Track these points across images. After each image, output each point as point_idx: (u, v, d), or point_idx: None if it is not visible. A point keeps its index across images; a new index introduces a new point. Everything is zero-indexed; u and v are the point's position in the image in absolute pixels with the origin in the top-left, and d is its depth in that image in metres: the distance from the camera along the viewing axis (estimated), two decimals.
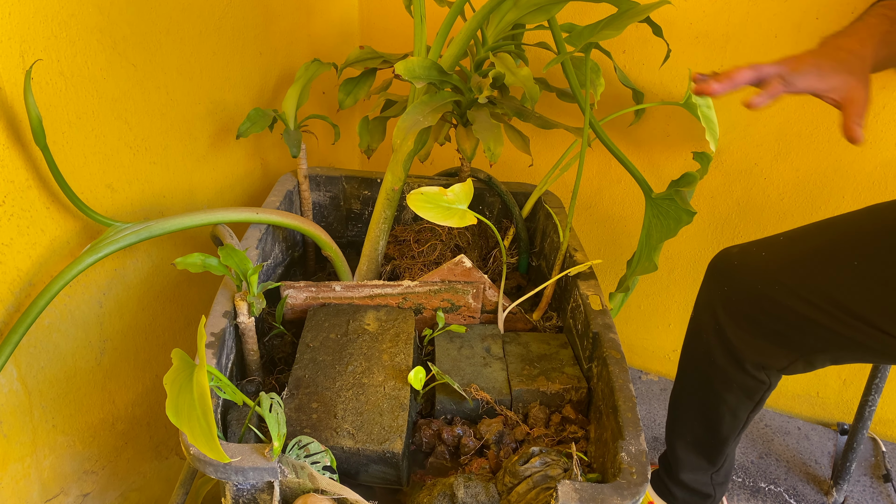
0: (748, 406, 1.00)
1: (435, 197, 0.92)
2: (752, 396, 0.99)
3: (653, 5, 0.95)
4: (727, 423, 1.02)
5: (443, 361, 1.01)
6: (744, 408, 1.00)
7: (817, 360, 0.91)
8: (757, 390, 0.98)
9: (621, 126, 1.36)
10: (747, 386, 0.97)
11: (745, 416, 1.01)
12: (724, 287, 0.95)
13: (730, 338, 0.94)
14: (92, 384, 1.04)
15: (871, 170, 1.21)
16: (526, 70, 1.06)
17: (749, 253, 0.94)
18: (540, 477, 0.79)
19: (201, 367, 0.67)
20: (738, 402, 0.99)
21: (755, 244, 0.95)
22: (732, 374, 0.97)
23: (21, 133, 0.83)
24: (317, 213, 1.31)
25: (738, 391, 0.98)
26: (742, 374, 0.96)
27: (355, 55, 1.21)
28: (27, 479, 0.96)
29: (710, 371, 0.99)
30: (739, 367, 0.96)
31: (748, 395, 0.99)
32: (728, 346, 0.95)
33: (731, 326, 0.94)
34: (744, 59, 1.22)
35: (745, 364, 0.95)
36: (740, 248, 0.96)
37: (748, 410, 1.01)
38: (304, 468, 0.73)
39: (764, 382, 0.97)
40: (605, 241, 1.52)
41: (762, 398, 0.99)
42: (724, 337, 0.95)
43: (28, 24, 0.81)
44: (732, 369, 0.96)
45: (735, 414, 1.01)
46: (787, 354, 0.92)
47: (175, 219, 0.95)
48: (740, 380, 0.97)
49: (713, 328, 0.97)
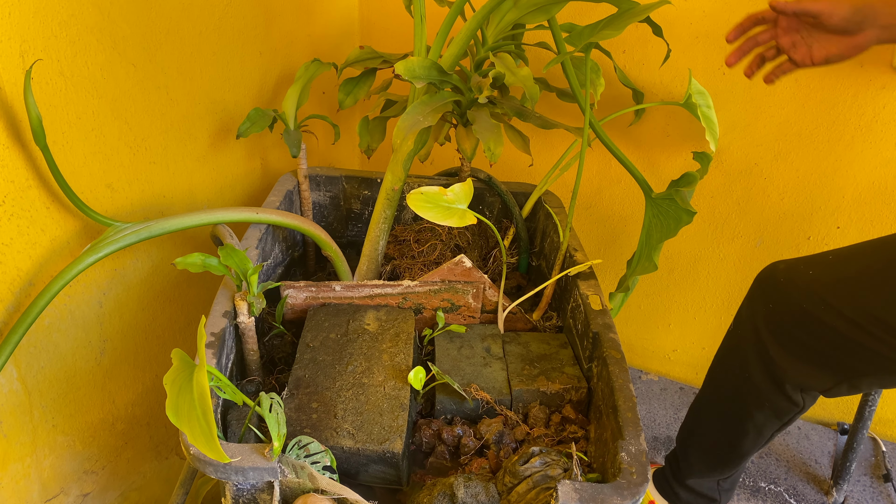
0: (775, 425, 0.98)
1: (435, 197, 0.92)
2: (781, 417, 0.97)
3: (653, 5, 0.95)
4: (750, 440, 1.00)
5: (443, 361, 1.01)
6: (770, 426, 0.98)
7: (863, 384, 0.89)
8: (788, 412, 0.96)
9: (621, 126, 1.36)
10: (780, 407, 0.95)
11: (770, 434, 0.99)
12: (768, 303, 0.93)
13: (772, 356, 0.92)
14: (92, 384, 1.04)
15: (871, 170, 1.21)
16: (526, 70, 1.06)
17: (796, 269, 0.91)
18: (540, 477, 0.79)
19: (201, 367, 0.67)
20: (765, 421, 0.97)
21: (803, 261, 0.92)
22: (767, 393, 0.95)
23: (21, 133, 0.83)
24: (317, 213, 1.31)
25: (769, 410, 0.96)
26: (778, 395, 0.94)
27: (355, 55, 1.21)
28: (27, 479, 0.96)
29: (744, 387, 0.97)
30: (777, 387, 0.93)
31: (777, 416, 0.97)
32: (768, 365, 0.93)
33: (774, 345, 0.92)
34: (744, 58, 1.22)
35: (785, 385, 0.92)
36: (787, 264, 0.93)
37: (774, 429, 0.99)
38: (304, 468, 0.73)
39: (797, 405, 0.95)
40: (605, 241, 1.52)
41: (791, 420, 0.97)
42: (765, 355, 0.93)
43: (28, 24, 0.81)
44: (768, 388, 0.94)
45: (760, 432, 0.99)
46: (832, 377, 0.89)
47: (175, 219, 0.95)
48: (774, 400, 0.95)
49: (754, 345, 0.94)
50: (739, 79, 1.23)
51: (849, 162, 1.22)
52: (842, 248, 0.91)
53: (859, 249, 0.89)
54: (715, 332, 1.50)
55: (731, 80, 1.24)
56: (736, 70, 1.23)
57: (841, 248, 0.92)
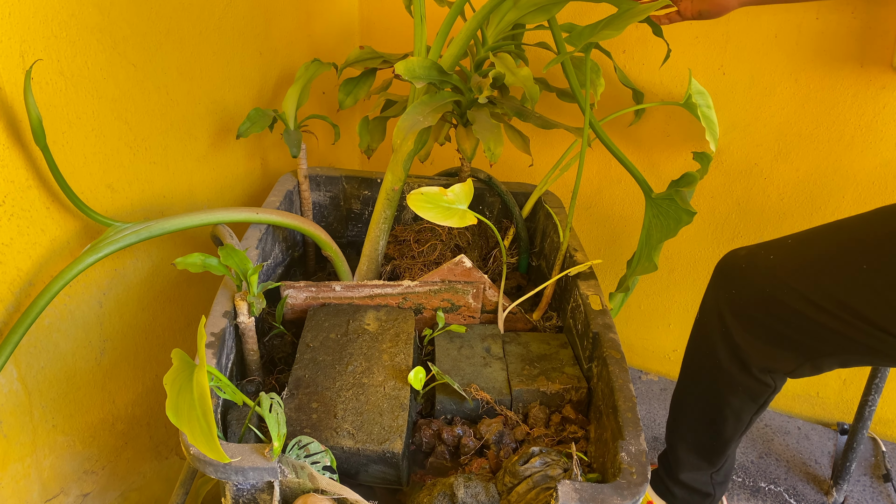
0: (752, 409, 1.00)
1: (435, 197, 0.92)
2: (756, 399, 0.98)
3: (653, 5, 0.95)
4: (730, 426, 1.02)
5: (443, 361, 1.01)
6: (748, 410, 1.00)
7: (825, 364, 0.91)
8: (762, 393, 0.97)
9: (621, 126, 1.36)
10: (752, 389, 0.97)
11: (749, 418, 1.01)
12: (731, 290, 0.94)
13: (736, 341, 0.94)
14: (92, 384, 1.04)
15: (871, 170, 1.21)
16: (526, 70, 1.06)
17: (757, 255, 0.93)
18: (540, 477, 0.79)
19: (201, 367, 0.67)
20: (742, 405, 0.99)
21: (763, 246, 0.94)
22: (738, 378, 0.96)
23: (21, 133, 0.83)
24: (317, 213, 1.31)
25: (743, 394, 0.98)
26: (748, 378, 0.96)
27: (355, 55, 1.21)
28: (27, 479, 0.96)
29: (715, 374, 0.99)
30: (745, 370, 0.95)
31: (752, 399, 0.98)
32: (734, 350, 0.95)
33: (738, 329, 0.93)
34: (744, 59, 1.22)
35: (752, 368, 0.94)
36: (748, 251, 0.95)
37: (752, 413, 1.00)
38: (304, 468, 0.73)
39: (769, 386, 0.96)
40: (605, 241, 1.52)
41: (766, 401, 0.99)
42: (730, 340, 0.95)
43: (28, 24, 0.81)
44: (738, 372, 0.96)
45: (739, 416, 1.00)
46: (795, 358, 0.91)
47: (175, 219, 0.95)
48: (745, 383, 0.96)
49: (719, 331, 0.96)
50: (739, 79, 1.23)
51: (849, 162, 1.22)
52: (801, 233, 0.93)
53: (818, 233, 0.91)
54: None
55: (731, 80, 1.24)
56: (736, 70, 1.23)
57: (800, 233, 0.93)
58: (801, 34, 1.16)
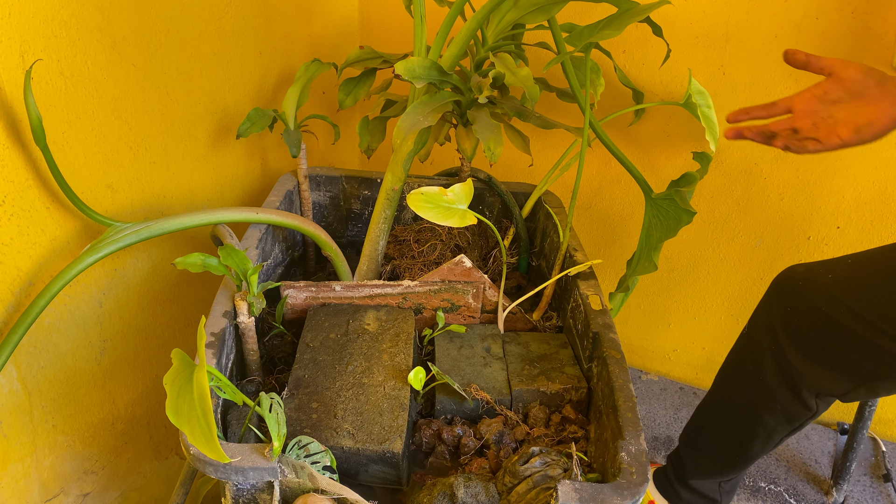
0: (785, 430, 0.97)
1: (435, 197, 0.92)
2: (792, 422, 0.96)
3: (653, 5, 0.95)
4: (759, 444, 0.99)
5: (443, 361, 1.01)
6: (780, 431, 0.97)
7: (881, 388, 0.88)
8: (800, 416, 0.95)
9: (621, 126, 1.36)
10: (792, 411, 0.95)
11: (780, 439, 0.99)
12: (786, 306, 0.92)
13: (789, 360, 0.91)
14: (92, 384, 1.05)
15: (870, 170, 1.21)
16: (526, 70, 1.06)
17: (815, 272, 0.91)
18: (540, 477, 0.79)
19: (201, 367, 0.67)
20: (776, 426, 0.97)
21: (822, 264, 0.92)
22: (781, 397, 0.94)
23: (21, 133, 0.83)
24: (317, 213, 1.31)
25: (781, 415, 0.95)
26: (792, 399, 0.93)
27: (355, 55, 1.21)
28: (27, 479, 0.96)
29: (756, 390, 0.96)
30: (792, 391, 0.93)
31: (789, 420, 0.96)
32: (784, 369, 0.92)
33: (792, 349, 0.91)
34: (744, 59, 1.22)
35: (801, 389, 0.92)
36: (806, 267, 0.93)
37: (784, 434, 0.98)
38: (304, 468, 0.73)
39: (811, 409, 0.94)
40: (605, 241, 1.52)
41: (802, 425, 0.97)
42: (781, 359, 0.92)
43: (28, 24, 0.81)
44: (783, 392, 0.93)
45: (770, 436, 0.98)
46: (850, 380, 0.89)
47: (175, 219, 0.95)
48: (787, 404, 0.94)
49: (770, 348, 0.94)
50: (739, 79, 1.23)
51: (849, 162, 1.22)
52: (861, 252, 0.91)
53: (878, 253, 0.89)
54: (715, 332, 1.50)
55: (731, 80, 1.24)
56: (736, 70, 1.23)
57: (860, 252, 0.91)
58: (801, 34, 1.16)
